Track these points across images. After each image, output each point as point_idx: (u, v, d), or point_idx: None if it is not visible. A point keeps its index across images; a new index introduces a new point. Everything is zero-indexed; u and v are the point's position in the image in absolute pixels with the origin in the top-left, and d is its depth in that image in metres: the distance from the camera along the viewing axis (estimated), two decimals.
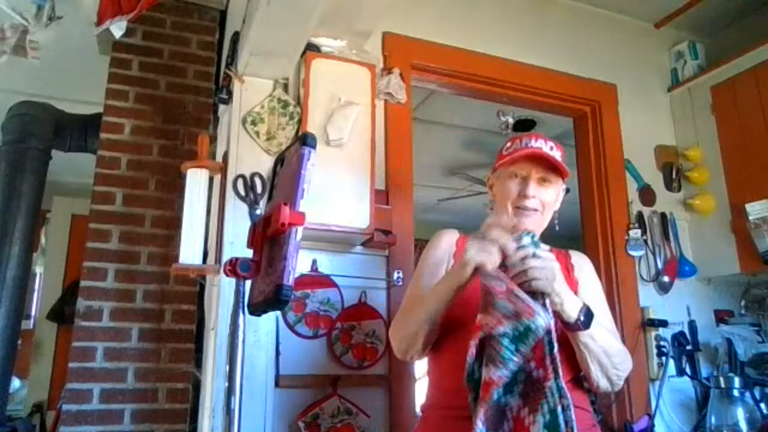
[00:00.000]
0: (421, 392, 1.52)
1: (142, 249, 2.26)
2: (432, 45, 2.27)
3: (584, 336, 1.17)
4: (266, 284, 1.18)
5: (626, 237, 2.44)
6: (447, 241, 1.43)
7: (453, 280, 1.21)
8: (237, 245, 1.77)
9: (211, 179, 1.87)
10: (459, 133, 3.84)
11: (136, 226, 2.27)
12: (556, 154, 1.38)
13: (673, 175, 2.62)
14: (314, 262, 1.88)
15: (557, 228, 1.44)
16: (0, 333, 2.29)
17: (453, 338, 1.26)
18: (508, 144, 1.42)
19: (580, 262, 1.44)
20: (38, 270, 4.23)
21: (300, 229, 1.17)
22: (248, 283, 1.24)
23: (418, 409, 1.69)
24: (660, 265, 2.47)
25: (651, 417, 2.23)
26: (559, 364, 1.06)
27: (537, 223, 1.36)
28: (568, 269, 1.38)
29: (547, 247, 1.32)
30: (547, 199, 1.37)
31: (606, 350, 1.20)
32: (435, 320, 1.23)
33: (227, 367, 1.11)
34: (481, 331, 1.11)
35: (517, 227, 1.31)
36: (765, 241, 2.22)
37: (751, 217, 2.27)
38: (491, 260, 1.13)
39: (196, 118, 2.41)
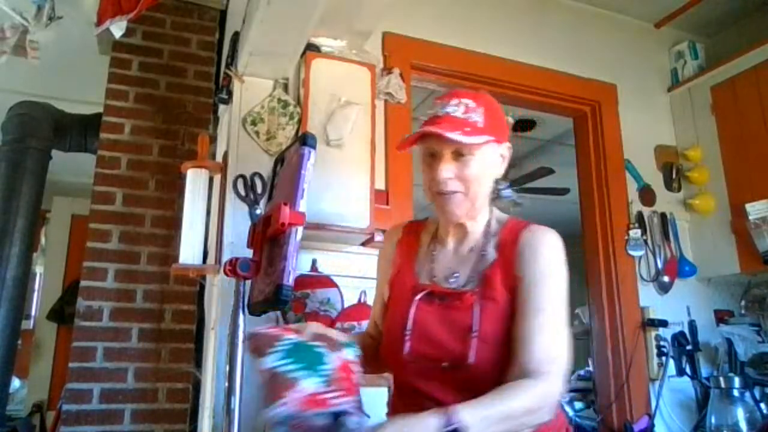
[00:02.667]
0: None
1: (142, 249, 2.26)
2: (432, 45, 2.27)
3: None
4: (266, 284, 1.18)
5: (626, 237, 2.44)
6: (388, 248, 1.34)
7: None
8: (237, 245, 1.77)
9: (211, 179, 1.87)
10: None
11: (136, 226, 2.27)
12: (472, 117, 1.12)
13: (673, 175, 2.62)
14: (314, 262, 1.88)
15: (504, 195, 1.26)
16: (0, 333, 2.29)
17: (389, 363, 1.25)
18: (428, 110, 1.19)
19: (528, 242, 1.15)
20: (38, 270, 4.24)
21: (300, 229, 1.17)
22: (248, 283, 1.24)
23: None
24: (660, 265, 2.47)
25: (651, 417, 2.23)
26: None
27: (464, 205, 1.16)
28: (508, 263, 1.14)
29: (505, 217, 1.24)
30: (471, 174, 1.13)
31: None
32: None
33: (227, 367, 1.11)
34: None
35: (443, 216, 1.20)
36: (765, 241, 2.22)
37: (751, 217, 2.27)
38: None
39: (196, 118, 2.41)
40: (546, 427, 1.04)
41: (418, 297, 1.17)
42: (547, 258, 1.13)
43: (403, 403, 1.20)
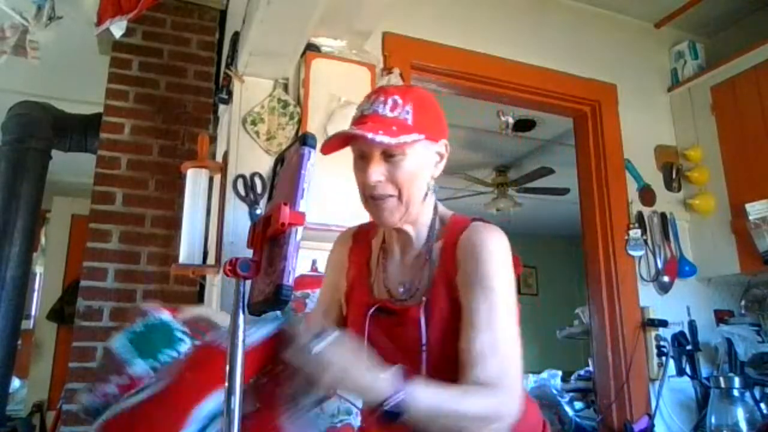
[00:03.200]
0: None
1: (142, 249, 2.26)
2: (432, 45, 2.27)
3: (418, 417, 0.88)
4: (266, 284, 1.18)
5: (626, 237, 2.44)
6: (339, 259, 1.25)
7: None
8: (237, 245, 1.77)
9: (211, 179, 1.87)
10: (459, 133, 3.84)
11: (136, 226, 2.27)
12: (401, 115, 1.05)
13: (673, 175, 2.62)
14: (314, 262, 1.88)
15: (435, 191, 1.13)
16: (0, 333, 2.29)
17: None
18: (357, 106, 1.12)
19: (468, 241, 1.05)
20: (38, 270, 4.23)
21: (300, 229, 1.17)
22: (248, 283, 1.24)
23: None
24: (660, 265, 2.47)
25: (651, 417, 2.23)
26: None
27: (398, 210, 1.07)
28: (448, 271, 1.06)
29: (448, 214, 1.13)
30: (403, 176, 1.05)
31: (456, 423, 0.91)
32: None
33: (227, 367, 1.11)
34: None
35: (377, 222, 1.13)
36: (765, 241, 2.22)
37: (751, 217, 2.27)
38: None
39: (196, 118, 2.41)
40: (521, 424, 0.96)
41: (370, 313, 1.10)
42: (488, 262, 1.01)
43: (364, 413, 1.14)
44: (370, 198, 1.08)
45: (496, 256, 1.02)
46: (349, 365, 0.89)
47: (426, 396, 0.89)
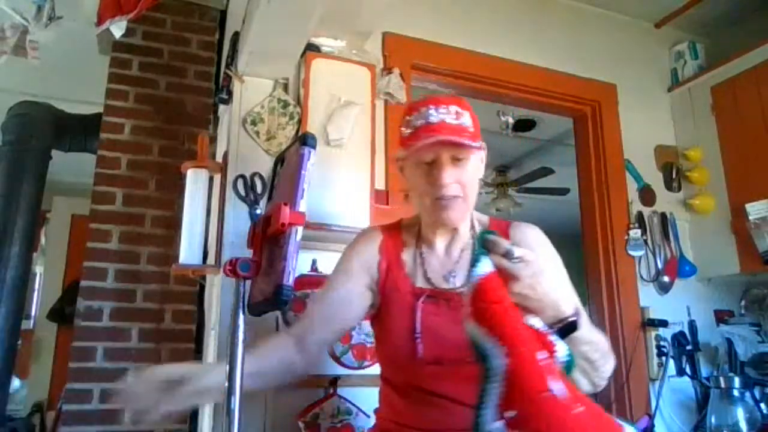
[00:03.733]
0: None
1: (142, 249, 2.26)
2: (432, 45, 2.27)
3: (572, 338, 0.97)
4: (266, 284, 1.18)
5: (626, 237, 2.44)
6: (368, 251, 1.29)
7: None
8: (237, 245, 1.77)
9: (211, 179, 1.87)
10: None
11: (136, 226, 2.27)
12: (463, 122, 1.15)
13: (673, 175, 2.62)
14: (314, 262, 1.88)
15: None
16: (0, 333, 2.29)
17: (397, 368, 1.23)
18: (407, 117, 1.18)
19: (522, 238, 1.21)
20: (38, 270, 4.23)
21: (300, 229, 1.17)
22: (248, 283, 1.24)
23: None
24: (660, 265, 2.47)
25: (651, 417, 2.23)
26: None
27: (462, 209, 1.19)
28: None
29: (486, 218, 1.29)
30: (468, 178, 1.17)
31: (590, 354, 1.02)
32: None
33: (227, 366, 1.11)
34: None
35: (439, 222, 1.21)
36: (765, 241, 2.22)
37: (751, 217, 2.26)
38: None
39: (196, 118, 2.42)
40: None
41: (421, 300, 1.19)
42: (544, 250, 1.22)
43: (412, 402, 1.19)
44: (438, 199, 1.17)
45: (548, 246, 1.25)
46: (546, 273, 0.93)
47: (586, 323, 1.00)
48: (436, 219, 1.20)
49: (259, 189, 1.85)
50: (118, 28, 1.87)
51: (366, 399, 1.82)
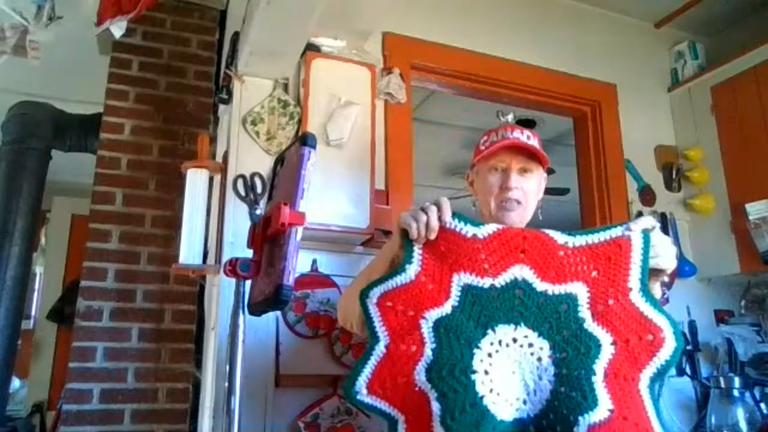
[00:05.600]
0: None
1: (142, 249, 2.26)
2: (432, 45, 2.27)
3: None
4: (266, 284, 1.18)
5: None
6: None
7: (387, 248, 1.23)
8: (237, 245, 1.77)
9: (211, 179, 1.87)
10: (459, 133, 3.84)
11: (136, 226, 2.27)
12: (534, 143, 1.36)
13: (673, 175, 2.62)
14: (314, 262, 1.88)
15: (540, 218, 1.40)
16: (0, 333, 2.29)
17: None
18: (484, 138, 1.41)
19: None
20: (38, 270, 4.23)
21: (300, 229, 1.17)
22: (248, 283, 1.24)
23: None
24: None
25: None
26: None
27: (521, 215, 1.35)
28: None
29: None
30: (530, 188, 1.35)
31: None
32: None
33: (227, 367, 1.11)
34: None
35: (500, 223, 1.29)
36: (765, 241, 2.22)
37: (751, 217, 2.26)
38: (414, 226, 1.06)
39: (196, 118, 2.41)
40: None
41: None
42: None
43: None
44: (504, 202, 1.33)
45: None
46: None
47: None
48: (498, 220, 1.31)
49: (259, 189, 1.85)
50: (118, 28, 1.87)
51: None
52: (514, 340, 1.00)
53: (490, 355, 1.00)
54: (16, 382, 3.70)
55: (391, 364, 1.03)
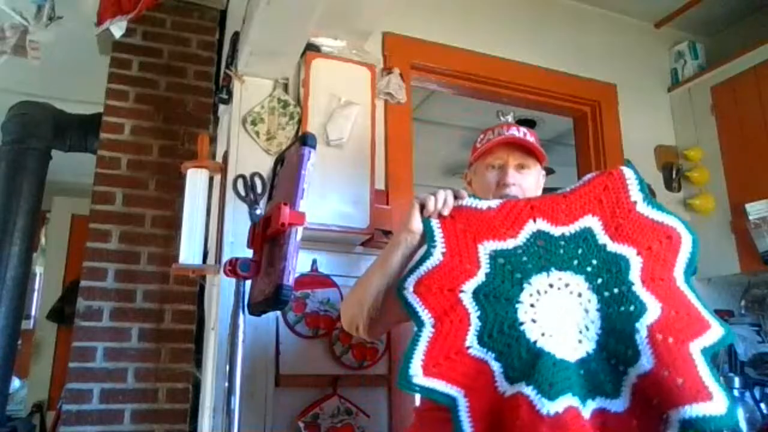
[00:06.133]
0: None
1: (142, 249, 2.26)
2: (432, 45, 2.27)
3: None
4: (266, 284, 1.18)
5: None
6: None
7: (392, 245, 1.24)
8: (237, 245, 1.77)
9: (211, 179, 1.87)
10: (459, 133, 3.84)
11: (136, 226, 2.27)
12: (531, 139, 1.37)
13: (673, 175, 2.61)
14: (314, 262, 1.88)
15: None
16: (0, 333, 2.29)
17: None
18: (481, 136, 1.41)
19: None
20: (38, 270, 4.23)
21: (300, 229, 1.17)
22: (248, 283, 1.24)
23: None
24: None
25: None
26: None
27: None
28: None
29: None
30: (528, 185, 1.34)
31: None
32: (385, 284, 1.22)
33: (227, 367, 1.11)
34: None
35: None
36: (765, 241, 2.22)
37: (751, 217, 2.27)
38: (432, 200, 1.15)
39: (196, 118, 2.41)
40: None
41: None
42: None
43: None
44: (499, 197, 1.30)
45: None
46: None
47: None
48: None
49: (259, 189, 1.85)
50: (118, 28, 1.87)
51: (366, 399, 1.82)
52: (551, 286, 1.06)
53: (532, 305, 1.05)
54: (16, 382, 3.70)
55: (442, 342, 1.05)
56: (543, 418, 0.92)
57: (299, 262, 1.20)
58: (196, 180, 1.81)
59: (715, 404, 0.89)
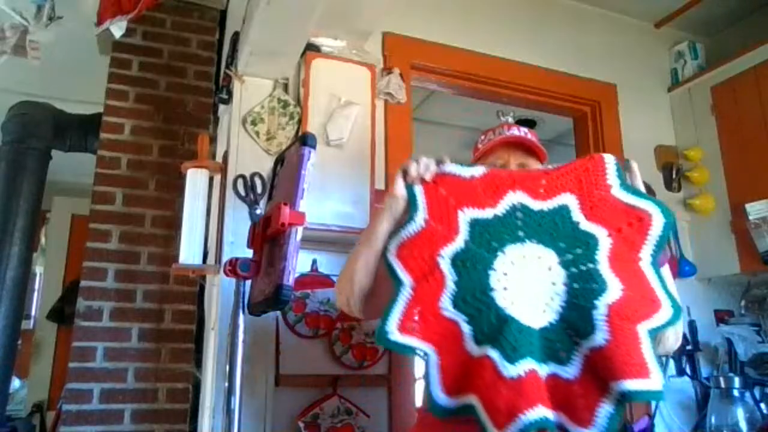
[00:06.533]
0: (420, 392, 1.52)
1: (142, 249, 2.26)
2: (432, 45, 2.27)
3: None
4: (266, 284, 1.18)
5: None
6: None
7: (379, 213, 1.25)
8: (237, 245, 1.77)
9: (211, 179, 1.87)
10: (459, 133, 3.84)
11: (136, 226, 2.27)
12: (532, 138, 1.39)
13: (673, 175, 2.61)
14: (314, 262, 1.88)
15: None
16: (0, 333, 2.29)
17: None
18: (482, 137, 1.43)
19: None
20: (38, 270, 4.23)
21: (300, 229, 1.17)
22: (248, 283, 1.24)
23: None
24: None
25: (651, 417, 2.23)
26: None
27: None
28: None
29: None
30: None
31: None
32: (372, 255, 1.22)
33: (227, 367, 1.11)
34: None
35: None
36: (765, 241, 2.22)
37: (751, 217, 2.26)
38: (415, 165, 1.18)
39: (196, 118, 2.41)
40: None
41: None
42: None
43: None
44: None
45: None
46: None
47: None
48: None
49: (259, 189, 1.85)
50: (118, 28, 1.87)
51: (366, 399, 1.82)
52: (524, 257, 1.10)
53: (505, 274, 1.09)
54: (16, 382, 3.70)
55: (419, 303, 1.11)
56: (504, 380, 1.00)
57: (299, 262, 1.20)
58: (196, 180, 1.80)
59: (653, 381, 0.98)
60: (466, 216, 1.14)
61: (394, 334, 1.09)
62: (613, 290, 1.05)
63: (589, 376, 1.02)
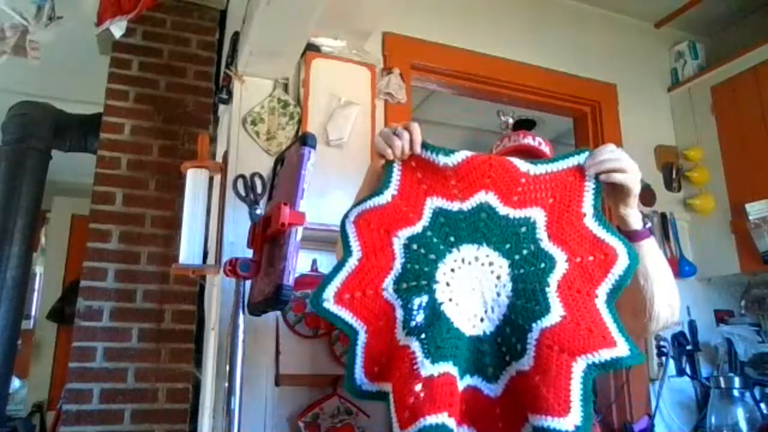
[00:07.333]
0: None
1: (142, 249, 2.26)
2: (432, 45, 2.27)
3: (648, 248, 1.13)
4: (266, 284, 1.18)
5: None
6: None
7: (368, 173, 1.22)
8: (237, 245, 1.77)
9: (211, 179, 1.87)
10: (459, 133, 3.84)
11: (136, 226, 2.27)
12: (545, 149, 1.38)
13: (673, 175, 2.61)
14: (314, 262, 1.88)
15: None
16: (0, 333, 2.29)
17: None
18: (498, 142, 1.44)
19: None
20: (38, 270, 4.23)
21: (300, 229, 1.17)
22: (248, 283, 1.24)
23: None
24: None
25: (651, 417, 2.23)
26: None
27: None
28: None
29: None
30: None
31: (666, 268, 1.16)
32: None
33: (227, 367, 1.11)
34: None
35: None
36: (765, 241, 2.22)
37: (751, 217, 2.26)
38: (389, 152, 1.12)
39: (196, 118, 2.41)
40: None
41: None
42: None
43: None
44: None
45: None
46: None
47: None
48: None
49: (259, 189, 1.85)
50: (118, 28, 1.87)
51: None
52: (476, 259, 1.08)
53: (453, 270, 1.07)
54: (16, 382, 3.69)
55: (362, 277, 1.10)
56: (419, 377, 0.98)
57: (299, 262, 1.20)
58: (196, 180, 1.80)
59: (568, 421, 0.93)
60: (432, 203, 1.12)
61: (329, 302, 1.09)
62: (554, 315, 1.00)
63: (511, 401, 0.99)
